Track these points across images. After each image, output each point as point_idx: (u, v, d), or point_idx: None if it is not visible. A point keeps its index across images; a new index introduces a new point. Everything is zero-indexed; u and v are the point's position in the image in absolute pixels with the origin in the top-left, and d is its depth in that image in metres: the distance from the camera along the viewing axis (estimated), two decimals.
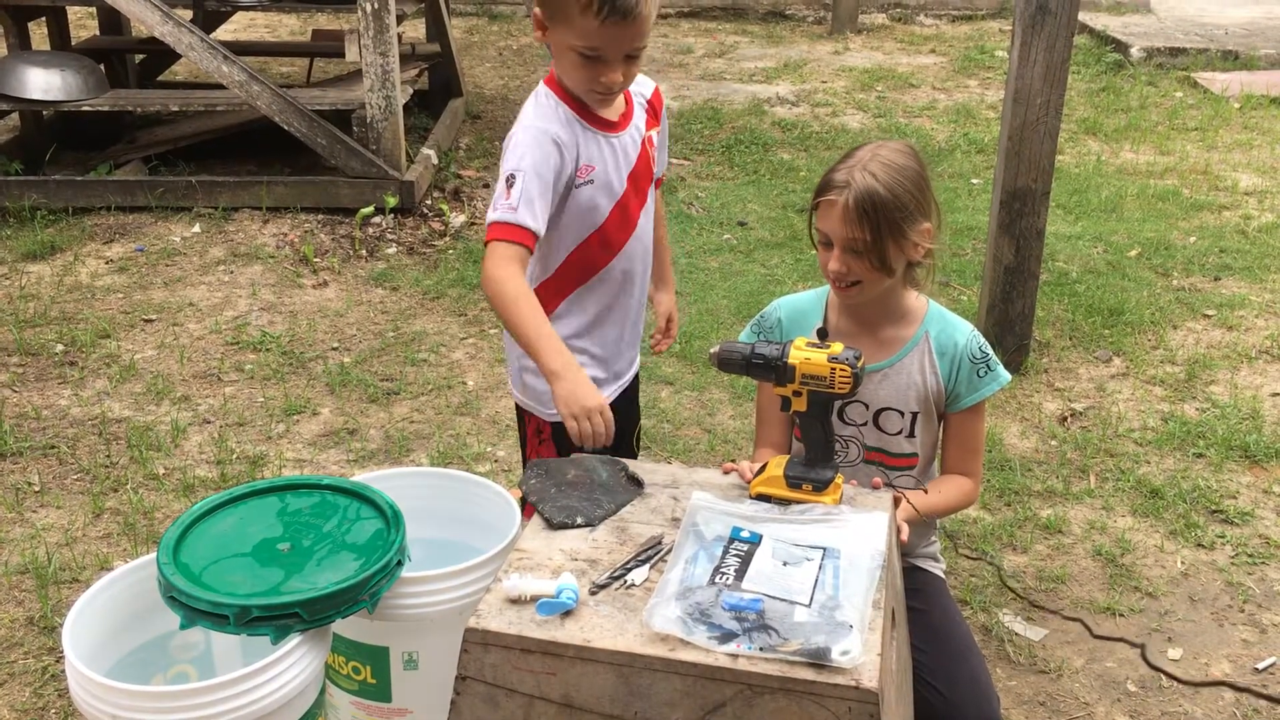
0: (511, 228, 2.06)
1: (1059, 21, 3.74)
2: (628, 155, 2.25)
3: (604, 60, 2.07)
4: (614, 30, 2.02)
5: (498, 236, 2.06)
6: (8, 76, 5.32)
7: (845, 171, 2.08)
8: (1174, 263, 5.03)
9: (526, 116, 2.17)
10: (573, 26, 2.03)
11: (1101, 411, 3.89)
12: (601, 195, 2.21)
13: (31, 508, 3.32)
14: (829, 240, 2.11)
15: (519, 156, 2.10)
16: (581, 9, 2.00)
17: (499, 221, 2.07)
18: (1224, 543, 3.24)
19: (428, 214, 5.40)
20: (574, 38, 2.05)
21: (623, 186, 2.25)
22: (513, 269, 2.04)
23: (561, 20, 2.05)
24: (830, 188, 2.08)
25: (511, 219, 2.06)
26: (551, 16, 2.08)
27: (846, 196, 2.05)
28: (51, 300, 4.54)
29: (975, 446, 2.27)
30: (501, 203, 2.07)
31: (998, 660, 2.79)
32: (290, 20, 9.10)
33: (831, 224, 2.08)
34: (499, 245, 2.06)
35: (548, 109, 2.17)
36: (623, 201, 2.25)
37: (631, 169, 2.26)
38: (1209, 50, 8.28)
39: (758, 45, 9.00)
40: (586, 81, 2.12)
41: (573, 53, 2.08)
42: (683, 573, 1.69)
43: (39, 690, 2.65)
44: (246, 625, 1.83)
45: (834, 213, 2.07)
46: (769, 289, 4.72)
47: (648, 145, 2.32)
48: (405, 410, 3.87)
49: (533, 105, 2.19)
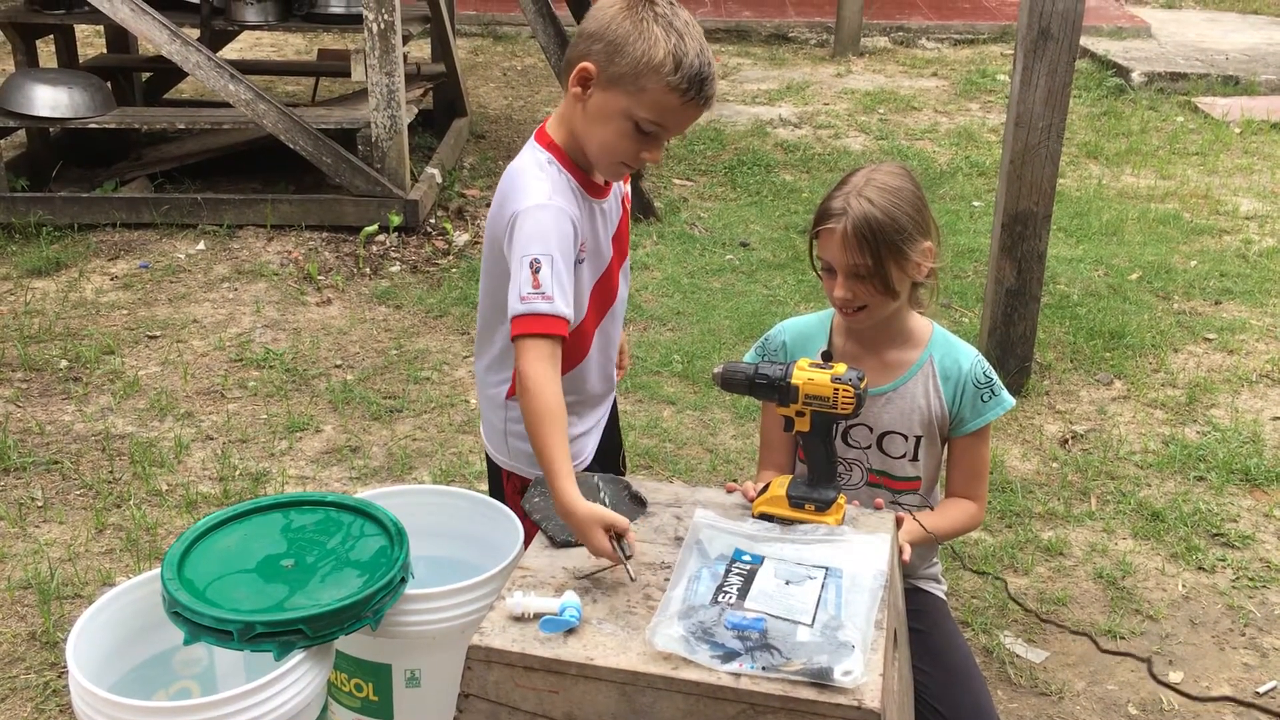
0: (548, 319, 1.88)
1: (1060, 46, 3.77)
2: (610, 219, 2.13)
3: (658, 139, 1.95)
4: (689, 111, 1.92)
5: (535, 331, 1.87)
6: (15, 94, 5.35)
7: (841, 198, 2.08)
8: (1175, 286, 5.04)
9: (538, 188, 1.97)
10: (643, 98, 1.89)
11: (1103, 434, 3.90)
12: (592, 267, 2.09)
13: (34, 523, 3.32)
14: (831, 268, 2.12)
15: (542, 238, 1.91)
16: (666, 86, 1.87)
17: (535, 314, 1.88)
18: (1225, 566, 3.24)
19: (431, 233, 5.42)
20: (641, 109, 1.90)
21: (609, 253, 2.13)
22: (553, 371, 1.87)
23: (629, 87, 1.89)
24: (828, 216, 2.08)
25: (548, 309, 1.88)
26: (614, 80, 1.90)
27: (844, 224, 2.05)
28: (56, 316, 4.56)
29: (980, 471, 2.28)
30: (529, 291, 1.88)
31: (999, 682, 2.79)
32: (296, 40, 9.15)
33: (832, 252, 2.09)
34: (536, 342, 1.87)
35: (557, 181, 1.99)
36: (609, 268, 2.15)
37: (615, 232, 2.15)
38: (1210, 75, 8.32)
39: (760, 67, 9.04)
40: (624, 154, 1.97)
41: (627, 123, 1.92)
42: (685, 591, 1.70)
43: (40, 705, 2.65)
44: (250, 641, 1.84)
45: (834, 240, 2.08)
46: (771, 310, 4.73)
47: (626, 201, 2.21)
48: (408, 428, 3.88)
49: (538, 173, 2.00)
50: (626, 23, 1.89)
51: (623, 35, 1.89)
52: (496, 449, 2.29)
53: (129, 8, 5.08)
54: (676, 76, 1.87)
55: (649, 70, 1.87)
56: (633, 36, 1.88)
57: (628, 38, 1.88)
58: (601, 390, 2.29)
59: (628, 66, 1.88)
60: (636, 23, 1.89)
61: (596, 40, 1.92)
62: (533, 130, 2.12)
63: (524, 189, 1.98)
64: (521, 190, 1.98)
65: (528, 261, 1.90)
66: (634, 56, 1.88)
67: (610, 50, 1.90)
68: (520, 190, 1.98)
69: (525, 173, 2.01)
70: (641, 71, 1.87)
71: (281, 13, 5.82)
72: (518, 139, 6.82)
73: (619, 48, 1.89)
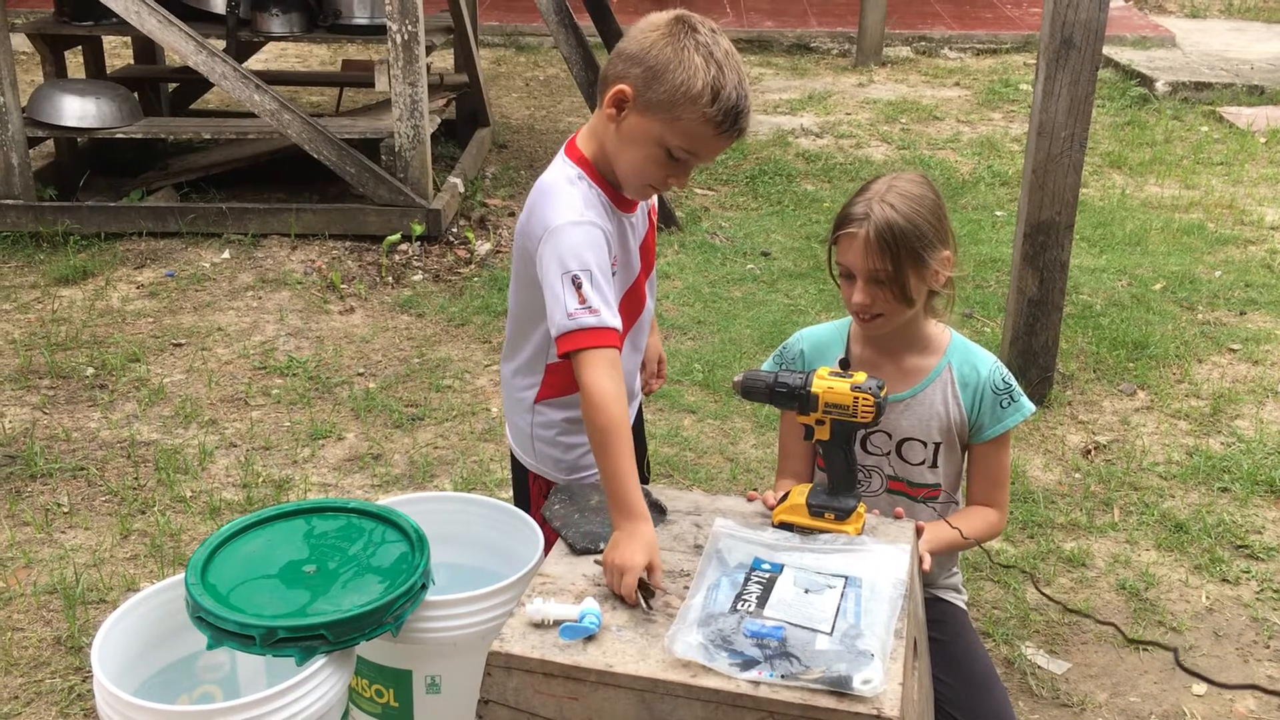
0: (599, 332, 1.88)
1: (1083, 55, 3.76)
2: (638, 231, 2.14)
3: (688, 166, 1.95)
4: (722, 142, 1.92)
5: (591, 344, 1.87)
6: (44, 104, 5.41)
7: (863, 204, 2.09)
8: (1199, 296, 5.01)
9: (569, 204, 1.96)
10: (678, 126, 1.88)
11: (1125, 445, 3.88)
12: (621, 279, 2.08)
13: (60, 529, 3.36)
14: (850, 273, 2.12)
15: (579, 255, 1.91)
16: (703, 116, 1.86)
17: (586, 328, 1.88)
18: (1249, 578, 3.21)
19: (454, 242, 5.45)
20: (674, 136, 1.90)
21: (638, 265, 2.15)
22: (616, 383, 1.87)
23: (664, 115, 1.88)
24: (849, 221, 2.09)
25: (598, 323, 1.88)
26: (650, 106, 1.89)
27: (867, 228, 2.06)
28: (83, 324, 4.60)
29: (1000, 479, 2.28)
30: (575, 306, 1.88)
31: (1020, 693, 2.78)
32: (321, 50, 9.22)
33: (852, 257, 2.10)
34: (593, 355, 1.87)
35: (588, 196, 1.99)
36: (637, 280, 2.16)
37: (642, 242, 2.16)
38: (1234, 85, 8.28)
39: (782, 77, 9.05)
40: (652, 178, 1.97)
41: (659, 149, 1.91)
42: (705, 599, 1.70)
43: (65, 710, 2.67)
44: (272, 646, 1.85)
45: (855, 245, 2.08)
46: (792, 319, 4.73)
47: (652, 214, 2.22)
48: (429, 436, 3.90)
49: (569, 189, 1.99)
50: (668, 49, 1.88)
51: (663, 62, 1.88)
52: (524, 451, 2.29)
53: (156, 19, 5.14)
54: (714, 109, 1.87)
55: (686, 100, 1.86)
56: (673, 64, 1.87)
57: (668, 65, 1.87)
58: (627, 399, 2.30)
59: (665, 95, 1.87)
60: (678, 50, 1.88)
61: (636, 64, 1.90)
62: (555, 140, 2.13)
63: (555, 206, 1.97)
64: (553, 207, 1.98)
65: (569, 279, 1.90)
66: (672, 85, 1.87)
67: (649, 76, 1.88)
68: (552, 207, 1.98)
69: (556, 187, 2.01)
70: (679, 101, 1.86)
71: (306, 24, 5.86)
72: (540, 149, 6.85)
73: (658, 74, 1.88)
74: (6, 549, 3.24)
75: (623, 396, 1.87)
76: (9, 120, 5.20)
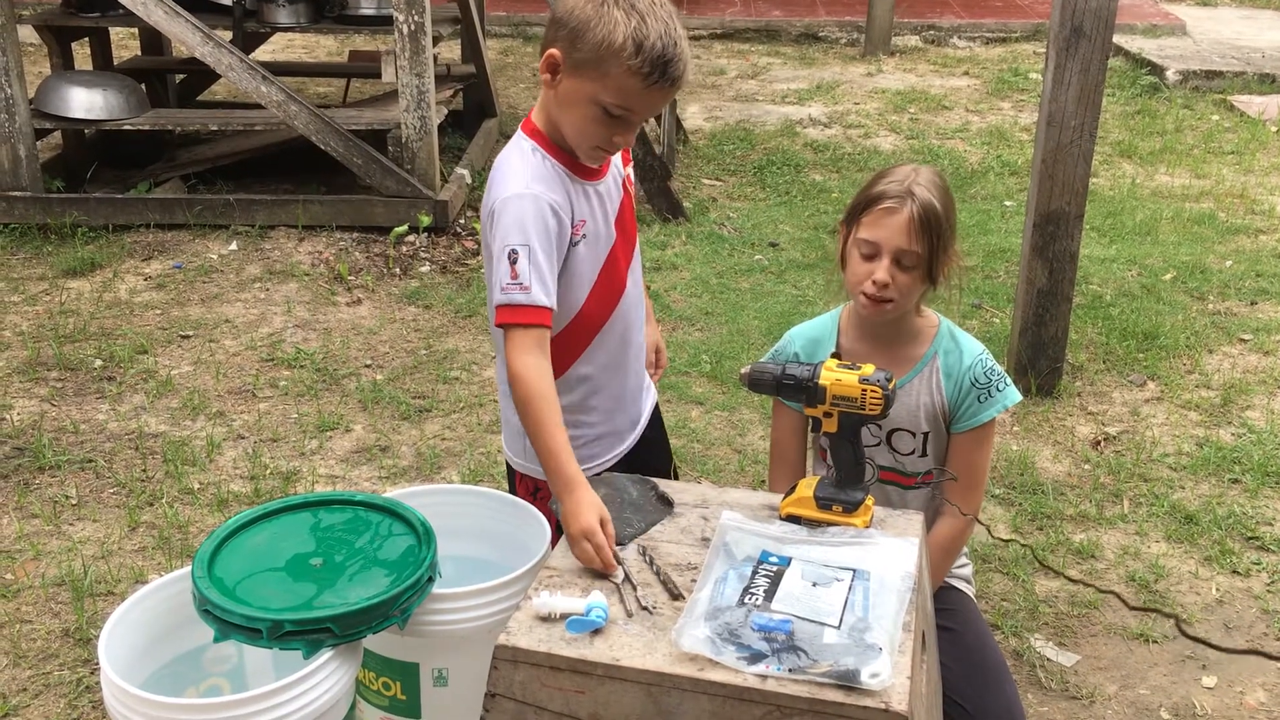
0: (527, 309, 1.91)
1: (1093, 44, 3.73)
2: (612, 199, 2.12)
3: (628, 122, 1.94)
4: (655, 94, 1.91)
5: (514, 321, 1.91)
6: (51, 95, 5.41)
7: (898, 184, 2.08)
8: (1209, 287, 4.98)
9: (516, 178, 1.97)
10: (607, 82, 1.88)
11: (1135, 436, 3.86)
12: (593, 248, 2.07)
13: (68, 521, 3.36)
14: (875, 252, 2.10)
15: (520, 228, 1.92)
16: (628, 69, 1.86)
17: (512, 304, 1.91)
18: (1260, 570, 3.20)
19: (461, 233, 5.44)
20: (606, 94, 1.90)
21: (612, 235, 2.12)
22: (538, 359, 1.90)
23: (593, 72, 1.89)
24: (886, 197, 2.08)
25: (525, 300, 1.90)
26: (579, 65, 1.90)
27: (912, 208, 2.05)
28: (91, 316, 4.61)
29: (975, 480, 2.25)
30: (508, 283, 1.91)
31: (1029, 685, 2.77)
32: (328, 41, 9.22)
33: (887, 233, 2.07)
34: (518, 332, 1.91)
35: (539, 168, 1.99)
36: (613, 251, 2.13)
37: (617, 213, 2.14)
38: (1245, 73, 8.23)
39: (790, 67, 9.02)
40: (596, 139, 1.96)
41: (595, 107, 1.92)
42: (712, 593, 1.70)
43: (74, 702, 2.68)
44: (279, 639, 1.85)
45: (893, 221, 2.06)
46: (800, 310, 4.72)
47: (628, 184, 2.19)
48: (437, 428, 3.90)
49: (519, 162, 2.00)
50: (588, 8, 1.89)
51: (583, 20, 1.89)
52: (513, 450, 2.29)
53: (163, 10, 5.13)
54: (637, 60, 1.86)
55: (610, 55, 1.87)
56: (593, 21, 1.88)
57: (588, 23, 1.88)
58: (621, 389, 2.25)
59: (589, 52, 1.88)
60: (597, 7, 1.89)
61: (561, 27, 1.92)
62: None
63: (503, 180, 1.99)
64: (500, 182, 1.99)
65: (506, 252, 1.92)
66: (594, 41, 1.87)
67: (573, 36, 1.90)
68: (499, 183, 1.99)
69: (506, 162, 2.01)
70: (603, 56, 1.87)
71: (313, 15, 5.86)
72: None
73: (580, 33, 1.89)
74: (15, 541, 3.25)
75: (547, 372, 1.90)
76: (16, 112, 5.21)
